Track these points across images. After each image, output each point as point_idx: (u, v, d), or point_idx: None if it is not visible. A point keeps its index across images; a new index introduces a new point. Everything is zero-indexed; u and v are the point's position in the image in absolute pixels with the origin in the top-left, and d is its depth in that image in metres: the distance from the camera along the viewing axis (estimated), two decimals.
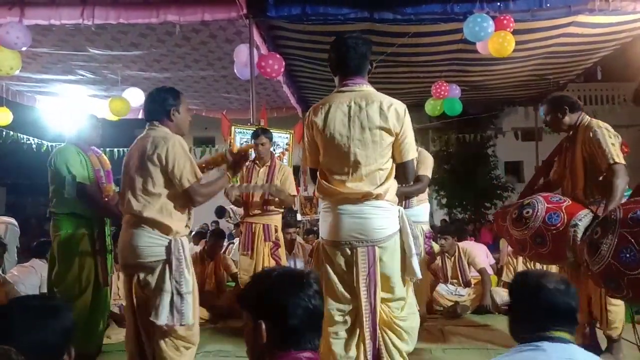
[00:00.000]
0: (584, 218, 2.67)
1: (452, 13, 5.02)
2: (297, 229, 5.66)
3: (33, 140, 8.98)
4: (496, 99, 9.86)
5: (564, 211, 2.71)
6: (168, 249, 2.39)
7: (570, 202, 2.81)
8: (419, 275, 2.29)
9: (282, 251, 4.23)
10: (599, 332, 3.14)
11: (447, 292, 4.91)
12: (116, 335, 3.94)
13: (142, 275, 2.42)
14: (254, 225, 4.10)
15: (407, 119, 2.24)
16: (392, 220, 2.23)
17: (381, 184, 2.20)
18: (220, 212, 9.49)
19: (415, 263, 2.26)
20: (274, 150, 5.79)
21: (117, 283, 4.30)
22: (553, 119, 3.03)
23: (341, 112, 2.21)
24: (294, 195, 4.23)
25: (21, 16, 4.96)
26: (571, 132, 3.02)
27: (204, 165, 2.72)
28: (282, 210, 4.29)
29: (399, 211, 2.27)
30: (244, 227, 4.18)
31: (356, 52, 2.25)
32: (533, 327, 1.49)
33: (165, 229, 2.40)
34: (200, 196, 2.46)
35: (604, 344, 3.09)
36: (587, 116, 3.00)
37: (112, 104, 7.02)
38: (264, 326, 1.23)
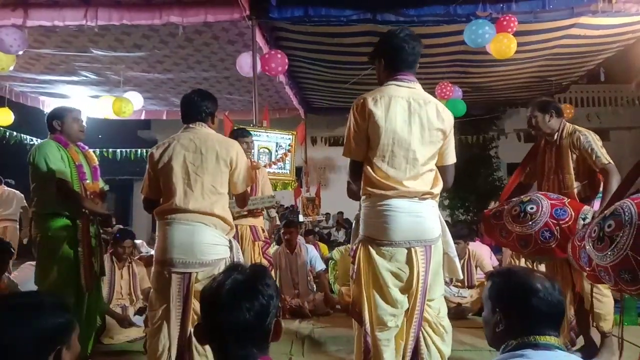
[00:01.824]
0: (589, 213, 2.82)
1: (455, 15, 5.02)
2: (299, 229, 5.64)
3: (36, 141, 9.02)
4: (498, 100, 9.87)
5: (568, 206, 2.86)
6: (231, 249, 2.51)
7: (568, 199, 2.96)
8: (461, 276, 2.36)
9: (271, 250, 4.21)
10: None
11: (449, 294, 4.88)
12: (117, 335, 3.94)
13: (200, 273, 2.42)
14: (240, 227, 3.94)
15: (453, 124, 2.26)
16: (438, 221, 2.24)
17: (435, 185, 2.18)
18: None
19: (458, 263, 2.31)
20: (277, 151, 5.80)
21: (121, 283, 4.30)
22: (540, 121, 3.21)
23: (401, 107, 2.12)
24: (272, 196, 4.19)
25: (25, 17, 4.98)
26: (555, 137, 3.20)
27: None
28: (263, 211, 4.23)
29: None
30: None
31: (414, 49, 2.20)
32: (517, 333, 1.37)
33: (229, 226, 2.51)
34: (247, 199, 2.67)
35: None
36: (568, 123, 3.23)
37: (115, 104, 7.06)
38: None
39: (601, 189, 3.04)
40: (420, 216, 2.14)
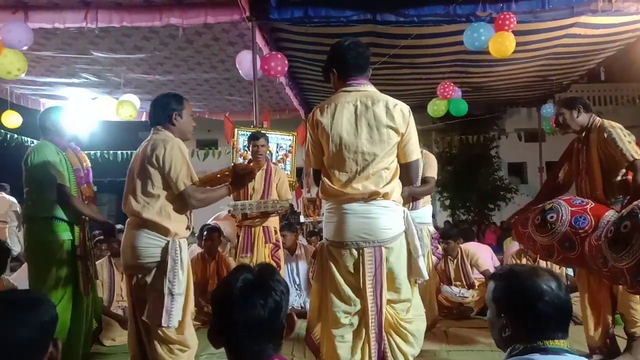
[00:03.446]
0: (611, 219, 2.65)
1: (455, 15, 5.02)
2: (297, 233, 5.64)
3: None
4: (499, 100, 9.86)
5: (589, 213, 2.70)
6: (165, 250, 2.43)
7: (593, 203, 2.79)
8: (426, 277, 2.30)
9: (281, 253, 4.20)
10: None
11: (451, 294, 4.89)
12: (120, 337, 3.94)
13: (140, 276, 2.47)
14: (253, 228, 4.05)
15: (412, 120, 2.26)
16: (397, 221, 2.23)
17: (387, 183, 2.20)
18: None
19: (422, 264, 2.26)
20: (277, 152, 5.81)
21: (121, 285, 4.30)
22: (568, 118, 3.04)
23: (348, 112, 2.20)
24: (289, 199, 4.19)
25: (25, 20, 4.99)
26: (583, 134, 3.04)
27: (218, 175, 2.68)
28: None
29: (403, 212, 2.27)
30: (242, 230, 4.11)
31: (359, 54, 2.29)
32: (524, 337, 1.31)
33: (164, 231, 2.43)
34: (195, 200, 2.48)
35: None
36: (598, 117, 3.04)
37: (119, 107, 7.07)
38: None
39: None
40: (369, 217, 2.17)
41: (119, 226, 6.42)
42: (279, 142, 5.81)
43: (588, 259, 2.54)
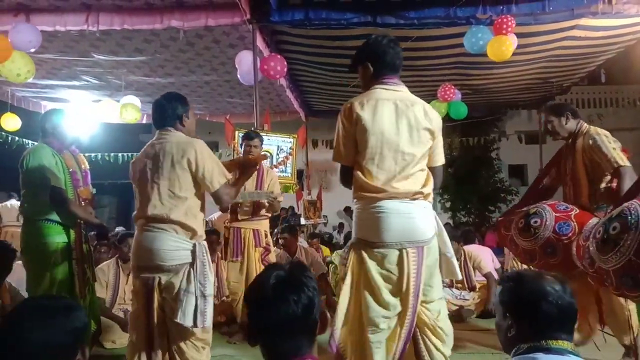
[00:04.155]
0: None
1: (455, 17, 5.02)
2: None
3: None
4: (500, 102, 9.85)
5: (574, 220, 2.70)
6: (193, 253, 2.44)
7: (578, 210, 2.79)
8: (459, 276, 2.31)
9: (272, 256, 4.15)
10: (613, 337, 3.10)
11: (451, 296, 4.88)
12: (120, 339, 3.94)
13: (164, 278, 2.44)
14: (243, 231, 4.00)
15: (441, 126, 2.26)
16: (433, 221, 2.22)
17: (425, 185, 2.18)
18: None
19: (455, 264, 2.27)
20: (278, 154, 5.81)
21: (125, 288, 4.30)
22: (556, 125, 3.08)
23: (388, 109, 2.15)
24: (280, 201, 4.17)
25: (27, 22, 5.00)
26: (570, 140, 3.07)
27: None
28: (270, 215, 4.18)
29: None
30: (231, 233, 4.05)
31: (397, 53, 2.27)
32: (528, 337, 1.35)
33: (191, 232, 2.45)
34: (228, 196, 2.55)
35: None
36: (585, 124, 3.07)
37: (122, 109, 7.08)
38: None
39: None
40: (412, 217, 2.13)
41: (120, 228, 6.45)
42: (279, 144, 5.82)
43: (575, 259, 2.55)
